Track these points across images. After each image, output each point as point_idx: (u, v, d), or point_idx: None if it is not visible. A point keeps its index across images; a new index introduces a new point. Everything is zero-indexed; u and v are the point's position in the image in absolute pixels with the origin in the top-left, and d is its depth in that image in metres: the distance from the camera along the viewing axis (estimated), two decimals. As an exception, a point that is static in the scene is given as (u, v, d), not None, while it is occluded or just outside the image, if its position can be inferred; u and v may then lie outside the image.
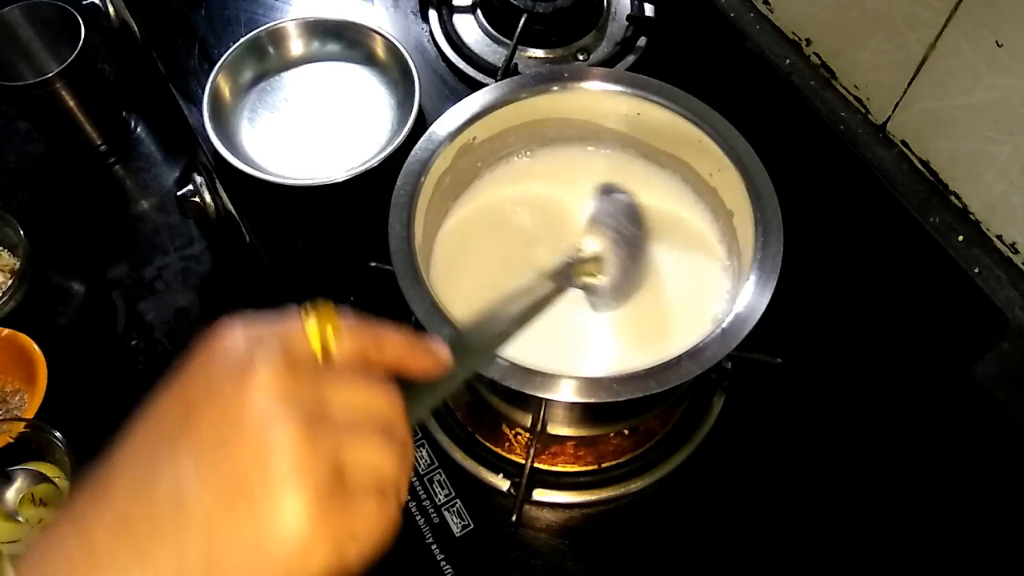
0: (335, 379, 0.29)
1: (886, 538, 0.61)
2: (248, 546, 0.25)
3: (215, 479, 0.26)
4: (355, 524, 0.27)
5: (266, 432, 0.26)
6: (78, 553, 0.26)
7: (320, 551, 0.26)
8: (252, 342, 0.28)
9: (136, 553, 0.25)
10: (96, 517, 0.26)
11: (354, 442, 0.28)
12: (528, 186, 0.64)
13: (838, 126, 0.75)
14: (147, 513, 0.26)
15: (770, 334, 0.50)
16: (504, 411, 0.63)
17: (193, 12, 0.89)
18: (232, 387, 0.27)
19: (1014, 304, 0.66)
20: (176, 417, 0.28)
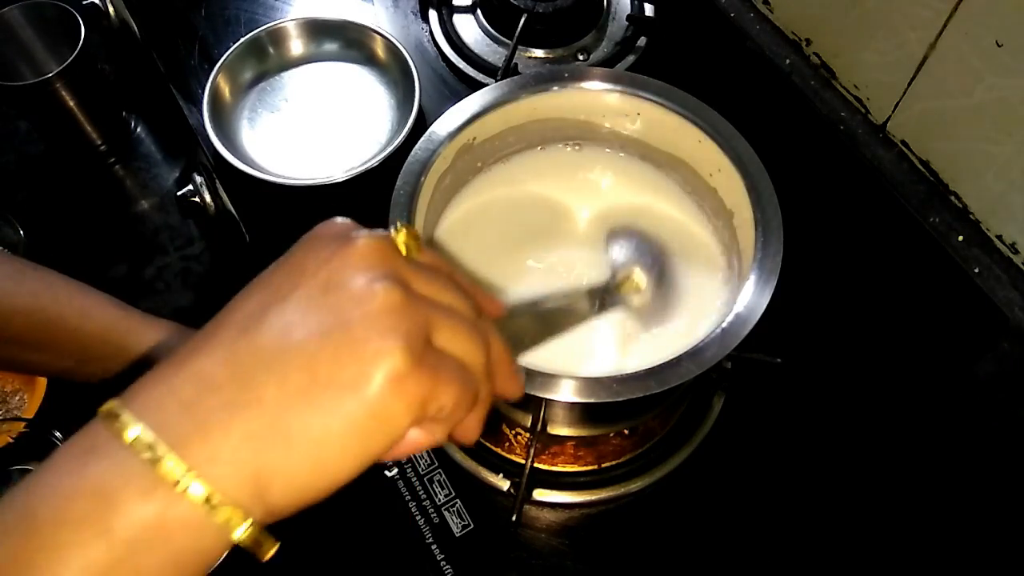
0: (426, 270, 0.32)
1: (886, 538, 0.61)
2: (345, 384, 0.27)
3: (320, 324, 0.28)
4: (438, 392, 0.28)
5: (370, 290, 0.28)
6: (186, 388, 0.27)
7: (403, 403, 0.27)
8: (354, 228, 0.32)
9: (240, 381, 0.27)
10: (202, 356, 0.28)
11: (443, 319, 0.30)
12: (528, 186, 0.64)
13: (838, 126, 0.75)
14: (253, 348, 0.28)
15: (770, 334, 0.50)
16: (504, 411, 0.63)
17: (193, 12, 0.89)
18: (339, 255, 0.30)
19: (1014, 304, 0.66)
20: (285, 280, 0.30)
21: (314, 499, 0.29)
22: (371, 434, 0.28)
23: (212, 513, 0.26)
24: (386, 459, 0.30)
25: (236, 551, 0.28)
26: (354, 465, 0.28)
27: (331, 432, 0.27)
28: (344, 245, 0.30)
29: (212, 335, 0.29)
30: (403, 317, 0.28)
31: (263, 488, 0.27)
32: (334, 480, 0.28)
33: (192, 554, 0.27)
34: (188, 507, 0.26)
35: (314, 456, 0.27)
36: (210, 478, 0.26)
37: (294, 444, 0.27)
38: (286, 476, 0.27)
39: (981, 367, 0.67)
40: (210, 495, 0.26)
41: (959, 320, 0.69)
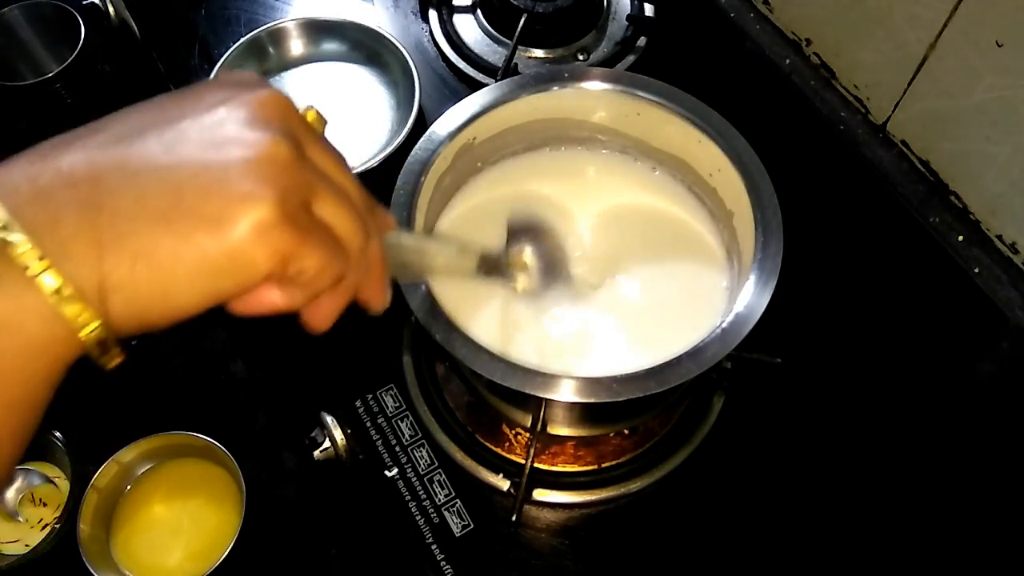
0: (326, 145, 0.32)
1: (886, 538, 0.61)
2: (206, 217, 0.26)
3: (199, 155, 0.27)
4: (304, 254, 0.28)
5: (260, 137, 0.28)
6: (43, 177, 0.26)
7: (262, 252, 0.27)
8: (263, 82, 0.31)
9: (100, 185, 0.26)
10: (69, 151, 0.27)
11: (329, 192, 0.30)
12: (528, 186, 0.64)
13: (838, 126, 0.75)
14: (121, 158, 0.27)
15: (770, 334, 0.50)
16: (504, 411, 0.63)
17: (193, 12, 0.89)
18: (241, 97, 0.29)
19: (1014, 304, 0.66)
20: (176, 105, 0.29)
21: (154, 324, 0.28)
22: (222, 274, 0.27)
23: (62, 305, 0.25)
24: (236, 310, 0.29)
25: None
26: (199, 299, 0.27)
27: (180, 260, 0.26)
28: (248, 90, 0.30)
29: (85, 136, 0.28)
30: (286, 172, 0.28)
31: (104, 298, 0.26)
32: (176, 308, 0.27)
33: (45, 344, 0.26)
34: (38, 296, 0.25)
35: (158, 279, 0.26)
36: (61, 270, 0.25)
37: (140, 262, 0.26)
38: (128, 292, 0.26)
39: (981, 367, 0.67)
40: (61, 287, 0.25)
41: (959, 320, 0.69)
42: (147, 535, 0.62)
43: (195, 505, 0.62)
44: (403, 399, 0.66)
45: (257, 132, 0.28)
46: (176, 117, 0.28)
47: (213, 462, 0.63)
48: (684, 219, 0.62)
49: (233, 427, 0.65)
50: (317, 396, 0.65)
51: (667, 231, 0.62)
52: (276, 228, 0.27)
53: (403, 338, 0.68)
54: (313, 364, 0.68)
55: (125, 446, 0.61)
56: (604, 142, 0.64)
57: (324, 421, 0.61)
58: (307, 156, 0.30)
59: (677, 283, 0.59)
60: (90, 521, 0.59)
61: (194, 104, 0.29)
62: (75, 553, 0.57)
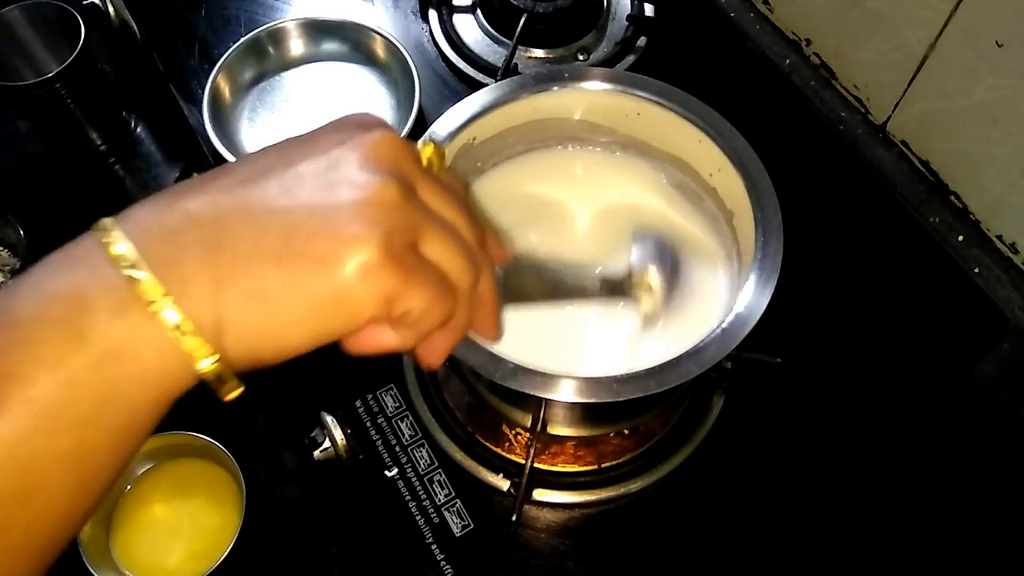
0: (438, 183, 0.32)
1: (886, 538, 0.61)
2: (315, 259, 0.27)
3: (311, 198, 0.28)
4: (409, 295, 0.28)
5: (369, 180, 0.29)
6: (172, 219, 0.28)
7: (368, 293, 0.28)
8: (382, 124, 0.32)
9: (221, 227, 0.27)
10: (195, 194, 0.28)
11: (437, 231, 0.30)
12: (528, 186, 0.64)
13: (838, 126, 0.75)
14: (242, 201, 0.28)
15: (770, 334, 0.50)
16: (504, 411, 0.63)
17: (193, 12, 0.89)
18: (356, 140, 0.30)
19: (1014, 304, 0.66)
20: (296, 149, 0.30)
21: (267, 360, 0.29)
22: (330, 314, 0.28)
23: (181, 340, 0.27)
24: (349, 350, 0.30)
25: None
26: (308, 338, 0.28)
27: (290, 299, 0.27)
28: (364, 133, 0.31)
29: (211, 179, 0.29)
30: (393, 214, 0.28)
31: (220, 334, 0.27)
32: (287, 346, 0.28)
33: (159, 375, 0.27)
34: (159, 329, 0.26)
35: (270, 318, 0.27)
36: (181, 307, 0.26)
37: (253, 301, 0.27)
38: (241, 329, 0.27)
39: (981, 367, 0.67)
40: (181, 323, 0.26)
41: (959, 320, 0.69)
42: (147, 535, 0.62)
43: (195, 505, 0.62)
44: (403, 399, 0.66)
45: (368, 174, 0.29)
46: (296, 160, 0.30)
47: (213, 462, 0.63)
48: (684, 219, 0.62)
49: (233, 427, 0.65)
50: (317, 396, 0.65)
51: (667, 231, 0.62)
52: (381, 269, 0.27)
53: (403, 338, 0.68)
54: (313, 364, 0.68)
55: (125, 446, 0.61)
56: (604, 142, 0.64)
57: (324, 421, 0.61)
58: (417, 196, 0.30)
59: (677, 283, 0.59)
60: (90, 521, 0.59)
61: (313, 147, 0.30)
62: (75, 553, 0.57)
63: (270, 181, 0.29)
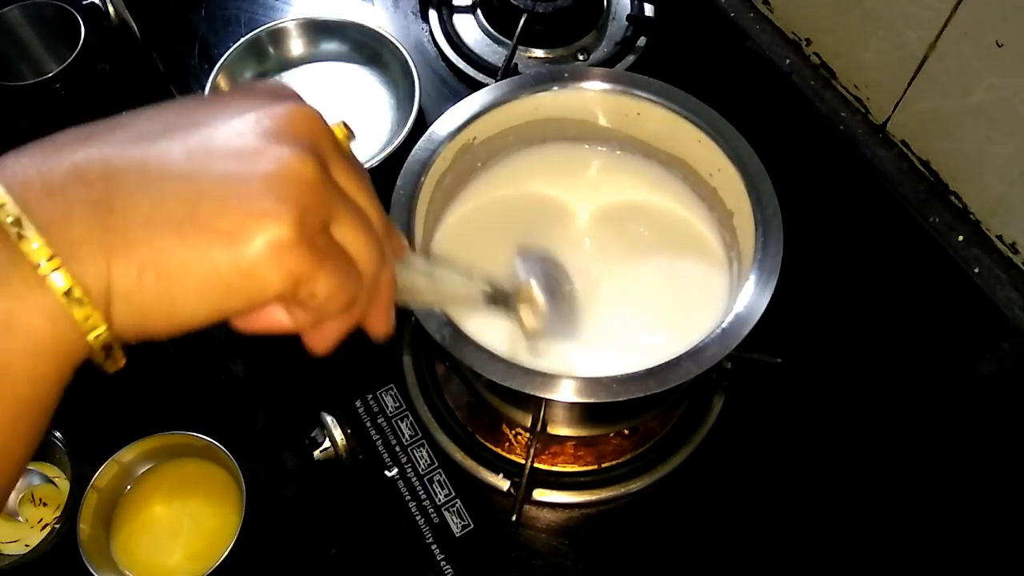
0: (351, 165, 0.31)
1: (886, 538, 0.61)
2: (222, 231, 0.25)
3: (221, 165, 0.26)
4: (317, 277, 0.27)
5: (285, 152, 0.27)
6: (57, 172, 0.25)
7: (275, 273, 0.26)
8: (295, 95, 0.31)
9: (114, 186, 0.25)
10: (85, 146, 0.26)
11: (350, 215, 0.29)
12: (528, 186, 0.64)
13: (838, 126, 0.75)
14: (139, 160, 0.26)
15: (770, 334, 0.50)
16: (504, 411, 0.63)
17: (193, 12, 0.89)
18: (270, 108, 0.28)
19: (1014, 304, 0.66)
20: (202, 109, 0.28)
21: (157, 334, 0.27)
22: (232, 291, 0.26)
23: (71, 307, 0.25)
24: (239, 326, 0.29)
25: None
26: (205, 314, 0.26)
27: (190, 273, 0.25)
28: (279, 101, 0.29)
29: (104, 131, 0.27)
30: (308, 192, 0.27)
31: (109, 303, 0.25)
32: (182, 321, 0.26)
33: (52, 346, 0.25)
34: (47, 295, 0.24)
35: (166, 291, 0.25)
36: (70, 271, 0.24)
37: (148, 271, 0.25)
38: (133, 301, 0.25)
39: (981, 367, 0.67)
40: (71, 288, 0.24)
41: (959, 320, 0.69)
42: (147, 535, 0.62)
43: (195, 505, 0.62)
44: (403, 399, 0.66)
45: (283, 146, 0.27)
46: (201, 121, 0.28)
47: (213, 462, 0.63)
48: (684, 219, 0.62)
49: (233, 427, 0.65)
50: (317, 396, 0.65)
51: (667, 231, 0.62)
52: (292, 249, 0.26)
53: (403, 338, 0.68)
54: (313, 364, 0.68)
55: (125, 446, 0.61)
56: (604, 142, 0.64)
57: (324, 421, 0.61)
58: (331, 175, 0.29)
59: (677, 283, 0.59)
60: (90, 521, 0.59)
61: (222, 110, 0.28)
62: (75, 553, 0.57)
63: (172, 140, 0.27)
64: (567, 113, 0.62)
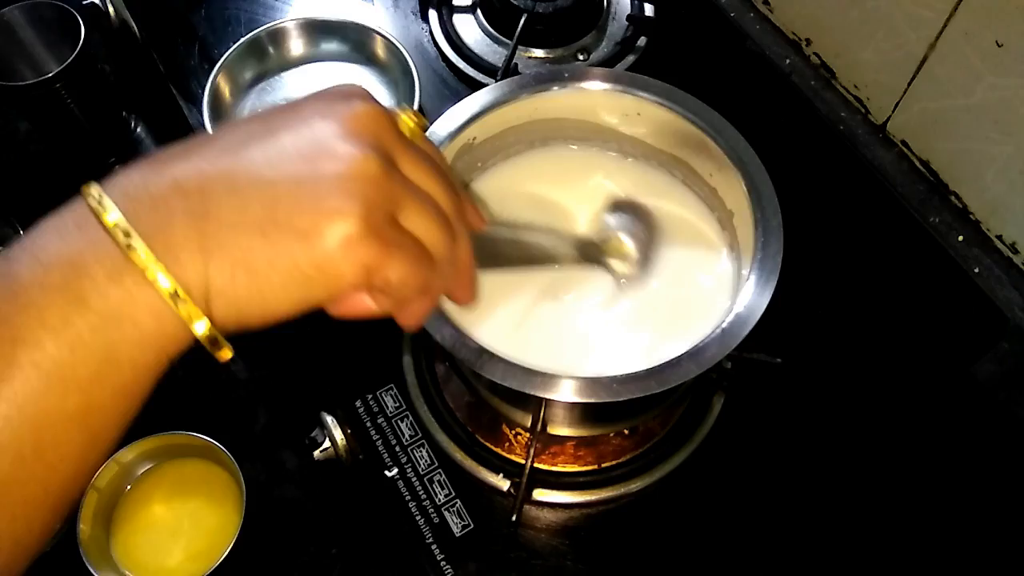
0: (417, 154, 0.33)
1: (886, 538, 0.61)
2: (297, 230, 0.28)
3: (294, 169, 0.29)
4: (388, 266, 0.29)
5: (350, 152, 0.29)
6: (159, 187, 0.28)
7: (348, 265, 0.29)
8: (364, 94, 0.33)
9: (207, 196, 0.28)
10: (180, 162, 0.29)
11: (416, 203, 0.31)
12: (528, 186, 0.64)
13: (838, 126, 0.75)
14: (227, 171, 0.29)
15: (770, 334, 0.50)
16: (504, 411, 0.63)
17: (193, 12, 0.89)
18: (338, 111, 0.31)
19: (1014, 304, 0.66)
20: (279, 119, 0.31)
21: (254, 324, 0.30)
22: (311, 283, 0.29)
23: (176, 305, 0.28)
24: (334, 312, 0.31)
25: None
26: (293, 305, 0.29)
27: (274, 269, 0.28)
28: (346, 104, 0.31)
29: (196, 147, 0.30)
30: (373, 187, 0.29)
31: (208, 300, 0.28)
32: (273, 312, 0.29)
33: (156, 338, 0.28)
34: (154, 296, 0.27)
35: (255, 286, 0.28)
36: (173, 273, 0.27)
37: (239, 270, 0.28)
38: (229, 296, 0.28)
39: (981, 367, 0.67)
40: (174, 289, 0.27)
41: (959, 320, 0.69)
42: (147, 535, 0.62)
43: (195, 505, 0.62)
44: (403, 399, 0.66)
45: (348, 146, 0.30)
46: (278, 130, 0.30)
47: (213, 462, 0.63)
48: (684, 219, 0.62)
49: (233, 427, 0.65)
50: (317, 396, 0.65)
51: (667, 231, 0.62)
52: (360, 242, 0.28)
53: (403, 338, 0.68)
54: (313, 364, 0.68)
55: (125, 446, 0.61)
56: (604, 142, 0.64)
57: (324, 421, 0.61)
58: (397, 168, 0.31)
59: (677, 283, 0.59)
60: (90, 521, 0.59)
61: (295, 118, 0.31)
62: (75, 553, 0.57)
63: (253, 151, 0.30)
64: (567, 113, 0.62)
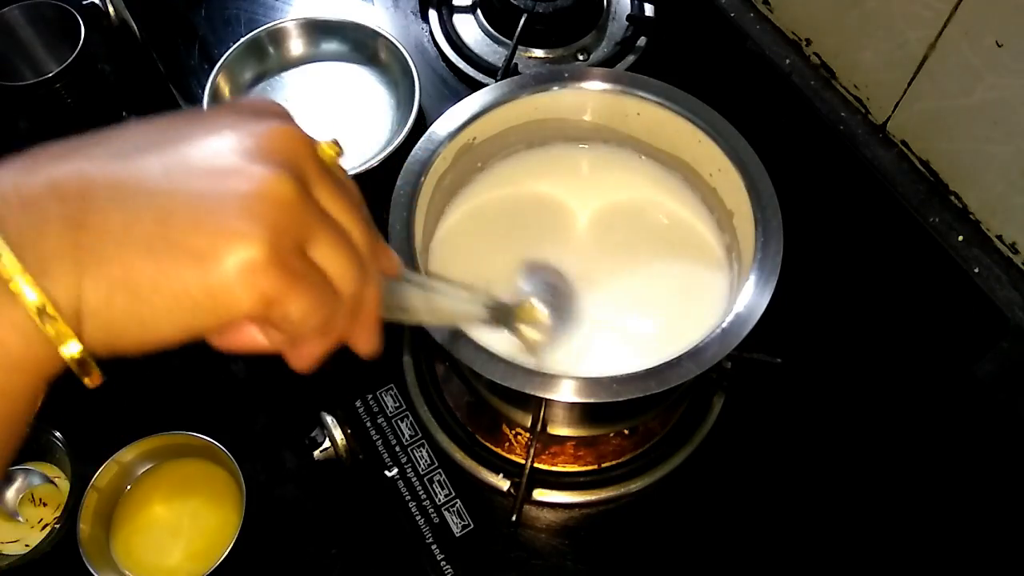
0: (334, 184, 0.30)
1: (886, 538, 0.61)
2: (192, 251, 0.25)
3: (196, 184, 0.26)
4: (289, 299, 0.27)
5: (261, 172, 0.27)
6: (32, 188, 0.25)
7: (245, 295, 0.26)
8: (284, 114, 0.30)
9: (89, 203, 0.25)
10: (61, 162, 0.26)
11: (328, 235, 0.29)
12: (528, 186, 0.64)
13: (838, 126, 0.75)
14: (116, 177, 0.26)
15: (770, 334, 0.50)
16: (504, 411, 0.63)
17: (193, 12, 0.89)
18: (252, 127, 0.28)
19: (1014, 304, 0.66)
20: (185, 126, 0.28)
21: (128, 351, 0.27)
22: (200, 310, 0.26)
23: (43, 324, 0.25)
24: (215, 344, 0.29)
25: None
26: (175, 332, 0.26)
27: (159, 292, 0.25)
28: (261, 120, 0.29)
29: (82, 147, 0.27)
30: (283, 211, 0.26)
31: (80, 320, 0.25)
32: (152, 339, 0.27)
33: (24, 361, 0.25)
34: (19, 312, 0.24)
35: (135, 309, 0.25)
36: (41, 287, 0.24)
37: (118, 290, 0.25)
38: (103, 318, 0.25)
39: (981, 367, 0.67)
40: (43, 306, 0.24)
41: (959, 320, 0.69)
42: (147, 535, 0.62)
43: (195, 505, 0.62)
44: (403, 399, 0.66)
45: (260, 165, 0.27)
46: (181, 138, 0.27)
47: (213, 462, 0.63)
48: (684, 219, 0.62)
49: (233, 427, 0.65)
50: (317, 396, 0.65)
51: (667, 231, 0.62)
52: (263, 270, 0.26)
53: (403, 338, 0.68)
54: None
55: (125, 446, 0.61)
56: (604, 142, 0.64)
57: (324, 421, 0.61)
58: (311, 194, 0.28)
59: (677, 283, 0.59)
60: (90, 521, 0.59)
61: (201, 126, 0.28)
62: (75, 553, 0.57)
63: (149, 158, 0.26)
64: (567, 113, 0.62)
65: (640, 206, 0.63)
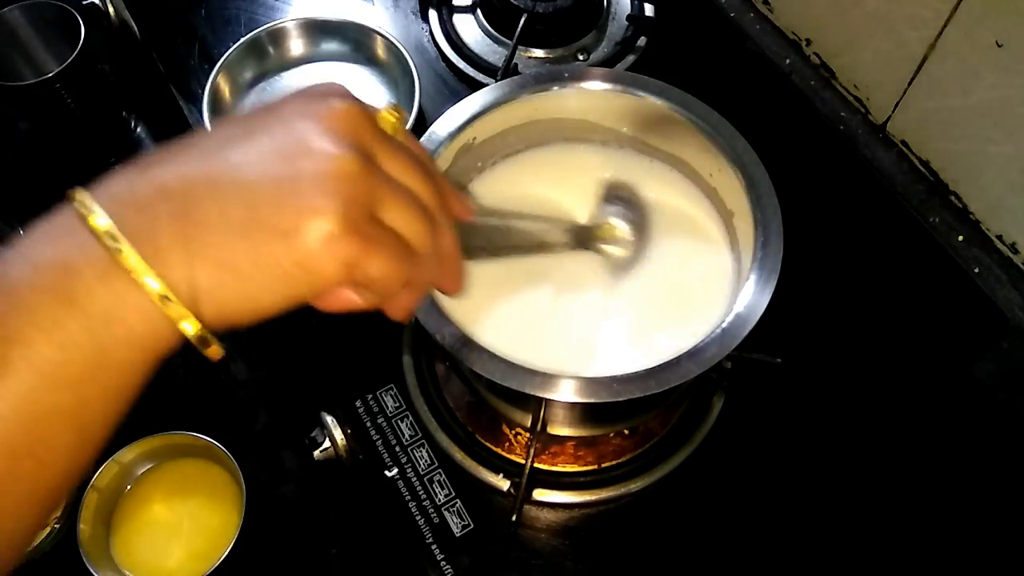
0: (396, 149, 0.33)
1: (886, 538, 0.61)
2: (278, 230, 0.29)
3: (273, 170, 0.29)
4: (368, 262, 0.30)
5: (328, 151, 0.30)
6: (144, 191, 0.29)
7: (329, 262, 0.29)
8: (344, 93, 0.33)
9: (190, 199, 0.29)
10: (163, 166, 0.30)
11: (395, 198, 0.32)
12: (528, 186, 0.64)
13: (838, 126, 0.75)
14: (209, 174, 0.29)
15: (770, 334, 0.50)
16: (504, 411, 0.63)
17: (193, 12, 0.89)
18: (317, 111, 0.31)
19: (1014, 304, 0.66)
20: (259, 121, 0.32)
21: (242, 322, 0.30)
22: (295, 281, 0.29)
23: (164, 307, 0.28)
24: (321, 307, 0.32)
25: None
26: (278, 302, 0.30)
27: (258, 268, 0.29)
28: (324, 103, 0.32)
29: (178, 153, 0.30)
30: (351, 185, 0.29)
31: (196, 300, 0.29)
32: (260, 310, 0.30)
33: (145, 338, 0.29)
34: (143, 297, 0.28)
35: (240, 286, 0.29)
36: (161, 276, 0.28)
37: (224, 270, 0.29)
38: (215, 296, 0.29)
39: (981, 367, 0.67)
40: (162, 290, 0.28)
41: (959, 320, 0.69)
42: (147, 535, 0.62)
43: (195, 505, 0.62)
44: (403, 399, 0.66)
45: (326, 144, 0.30)
46: (258, 131, 0.31)
47: (213, 462, 0.63)
48: (684, 219, 0.62)
49: (233, 427, 0.65)
50: (317, 396, 0.65)
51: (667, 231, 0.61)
52: (340, 239, 0.29)
53: (403, 338, 0.68)
54: (313, 364, 0.68)
55: (125, 446, 0.61)
56: (604, 142, 0.64)
57: (324, 421, 0.61)
58: (376, 164, 0.31)
59: (677, 283, 0.59)
60: (90, 521, 0.59)
61: (275, 118, 0.31)
62: (75, 553, 0.57)
63: (233, 153, 0.30)
64: (567, 113, 0.62)
65: (640, 206, 0.63)
